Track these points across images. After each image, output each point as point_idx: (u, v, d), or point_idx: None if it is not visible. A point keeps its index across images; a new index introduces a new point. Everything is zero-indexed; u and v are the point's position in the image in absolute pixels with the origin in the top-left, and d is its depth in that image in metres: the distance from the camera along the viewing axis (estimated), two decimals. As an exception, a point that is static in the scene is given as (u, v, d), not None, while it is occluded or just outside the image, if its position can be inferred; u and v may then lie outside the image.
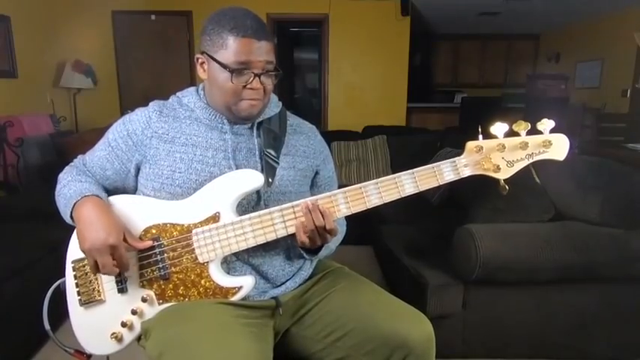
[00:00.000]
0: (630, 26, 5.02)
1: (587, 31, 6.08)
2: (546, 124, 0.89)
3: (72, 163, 1.08)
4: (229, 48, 0.92)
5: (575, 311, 1.67)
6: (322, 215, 0.90)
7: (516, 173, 0.92)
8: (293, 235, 0.95)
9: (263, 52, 0.94)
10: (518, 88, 6.72)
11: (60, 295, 1.02)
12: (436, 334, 0.97)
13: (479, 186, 1.80)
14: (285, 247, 1.04)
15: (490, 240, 1.55)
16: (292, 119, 1.13)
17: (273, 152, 1.01)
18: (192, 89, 1.06)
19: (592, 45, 5.92)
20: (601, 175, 1.81)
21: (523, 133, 0.90)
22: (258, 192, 0.99)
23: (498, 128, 0.90)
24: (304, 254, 1.02)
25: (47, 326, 1.02)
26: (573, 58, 6.33)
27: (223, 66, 0.93)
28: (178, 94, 1.07)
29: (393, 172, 0.94)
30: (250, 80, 0.94)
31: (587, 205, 1.73)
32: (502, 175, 0.92)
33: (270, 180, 0.98)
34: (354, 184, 0.94)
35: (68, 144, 3.35)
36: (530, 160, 0.92)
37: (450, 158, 0.93)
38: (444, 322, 1.65)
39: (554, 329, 1.68)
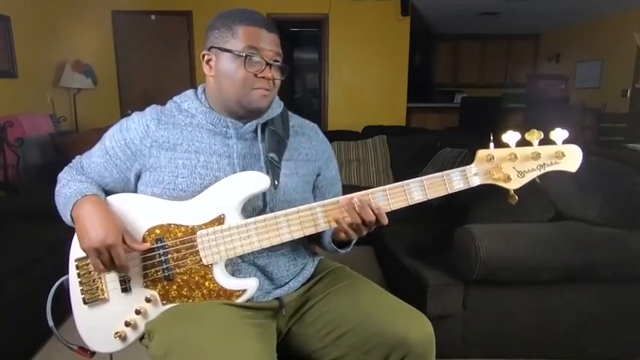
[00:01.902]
0: (630, 26, 5.03)
1: (587, 31, 6.08)
2: (559, 134, 0.86)
3: (70, 164, 1.08)
4: (240, 36, 0.93)
5: (575, 311, 1.67)
6: (372, 211, 0.89)
7: (527, 184, 0.90)
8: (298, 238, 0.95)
9: (273, 42, 0.96)
10: (518, 88, 6.73)
11: (63, 293, 1.02)
12: (436, 334, 0.97)
13: (479, 186, 1.80)
14: (290, 247, 1.04)
15: (490, 240, 1.55)
16: (294, 120, 1.12)
17: (275, 156, 1.00)
18: (190, 93, 1.04)
19: (592, 45, 5.93)
20: (601, 175, 1.81)
21: (535, 142, 0.88)
22: (264, 199, 0.98)
23: (510, 137, 0.88)
24: (336, 249, 1.03)
25: (51, 323, 1.03)
26: (573, 58, 6.33)
27: (235, 53, 0.93)
28: (176, 99, 1.05)
29: (393, 172, 0.94)
30: (262, 69, 0.94)
31: (587, 205, 1.73)
32: (512, 186, 0.90)
33: (276, 182, 0.97)
34: (354, 184, 0.94)
35: (68, 144, 3.36)
36: (542, 171, 0.90)
37: (450, 158, 0.93)
38: (444, 322, 1.66)
39: (554, 329, 1.69)
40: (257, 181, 0.94)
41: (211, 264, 0.94)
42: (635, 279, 1.62)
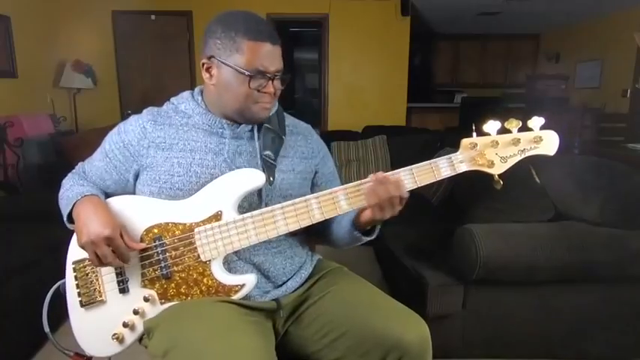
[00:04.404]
0: (630, 26, 5.02)
1: (587, 31, 6.08)
2: (536, 121, 0.93)
3: (74, 170, 1.10)
4: (245, 53, 0.92)
5: (575, 311, 1.67)
6: (395, 186, 0.91)
7: (510, 168, 0.96)
8: (293, 232, 0.96)
9: (276, 56, 0.96)
10: (518, 88, 6.73)
11: (59, 297, 1.02)
12: (436, 334, 0.97)
13: (479, 186, 1.80)
14: (287, 245, 1.05)
15: (490, 240, 1.55)
16: (288, 120, 1.13)
17: (271, 153, 1.01)
18: (186, 94, 1.05)
19: (592, 45, 5.92)
20: (601, 175, 1.81)
21: (515, 130, 0.94)
22: (260, 195, 0.99)
23: (491, 126, 0.94)
24: (362, 237, 1.03)
25: (47, 329, 1.02)
26: (573, 58, 6.33)
27: (239, 71, 0.93)
28: (173, 100, 1.06)
29: (393, 172, 0.95)
30: (265, 84, 0.95)
31: (587, 205, 1.73)
32: (496, 171, 0.95)
33: (271, 179, 0.98)
34: (354, 183, 0.94)
35: (68, 144, 3.35)
36: (523, 156, 0.95)
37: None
38: (444, 322, 1.65)
39: (554, 329, 1.69)
40: (253, 178, 0.95)
41: (209, 260, 0.94)
42: (635, 279, 1.62)
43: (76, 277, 0.98)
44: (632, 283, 1.63)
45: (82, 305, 0.97)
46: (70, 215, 0.98)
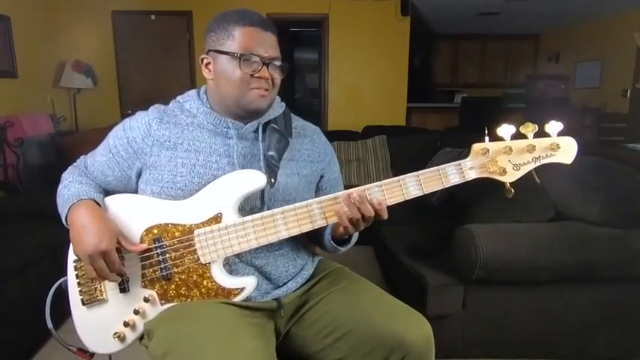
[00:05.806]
0: (630, 26, 5.02)
1: (587, 31, 6.08)
2: (554, 127, 0.86)
3: (75, 164, 1.09)
4: (236, 38, 0.94)
5: (574, 311, 1.67)
6: (373, 205, 0.90)
7: (523, 177, 0.90)
8: (295, 236, 0.95)
9: (269, 42, 0.96)
10: (518, 88, 6.73)
11: (61, 294, 1.02)
12: (436, 334, 0.97)
13: (479, 186, 1.80)
14: (289, 247, 1.04)
15: (490, 240, 1.55)
16: (296, 121, 1.12)
17: (275, 155, 1.00)
18: (192, 93, 1.05)
19: (592, 45, 5.92)
20: (601, 175, 1.81)
21: (530, 135, 0.88)
22: (262, 198, 0.98)
23: (505, 130, 0.88)
24: (336, 247, 1.04)
25: (50, 325, 1.03)
26: (573, 58, 6.33)
27: (231, 55, 0.94)
28: (179, 98, 1.06)
29: (393, 172, 0.94)
30: (258, 69, 0.94)
31: (588, 205, 1.73)
32: (508, 179, 0.90)
33: (272, 180, 0.97)
34: (354, 184, 0.94)
35: (68, 144, 3.35)
36: (537, 164, 0.89)
37: (450, 158, 0.93)
38: (444, 322, 1.65)
39: (554, 329, 1.69)
40: (253, 179, 0.94)
41: (209, 262, 0.94)
42: (635, 279, 1.62)
43: (77, 276, 0.98)
44: (632, 283, 1.63)
45: (83, 304, 0.98)
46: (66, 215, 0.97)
